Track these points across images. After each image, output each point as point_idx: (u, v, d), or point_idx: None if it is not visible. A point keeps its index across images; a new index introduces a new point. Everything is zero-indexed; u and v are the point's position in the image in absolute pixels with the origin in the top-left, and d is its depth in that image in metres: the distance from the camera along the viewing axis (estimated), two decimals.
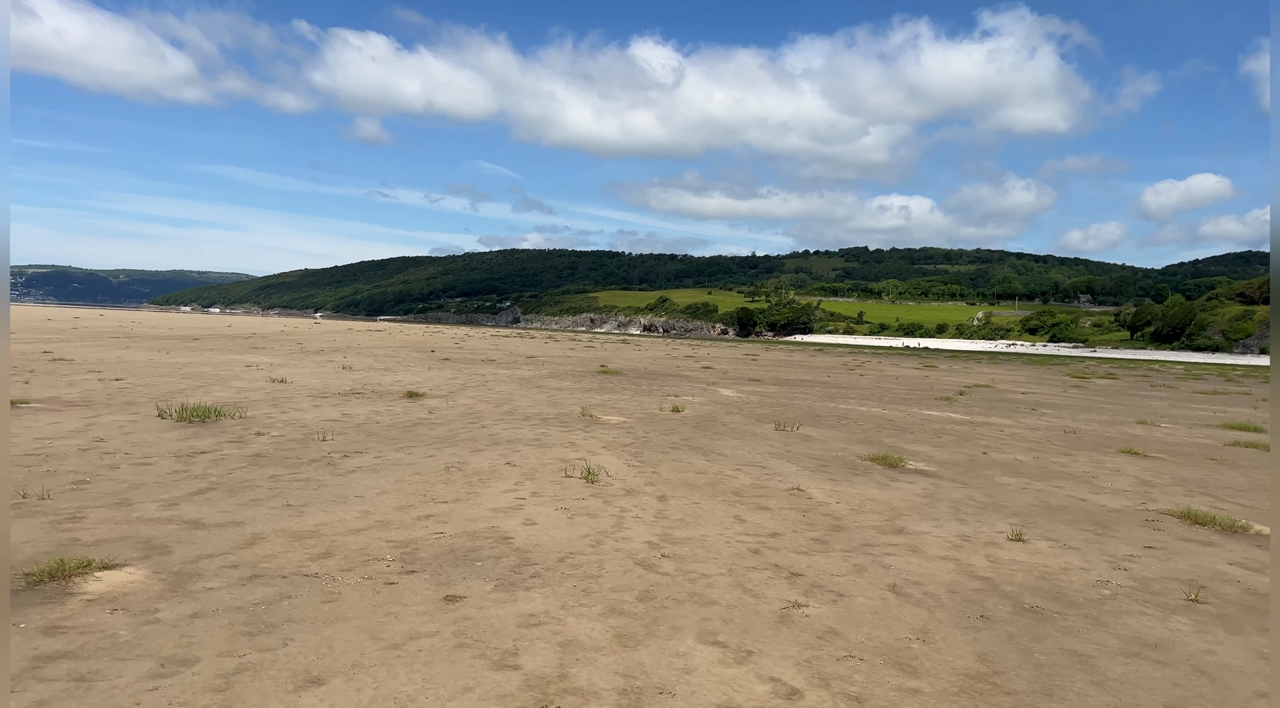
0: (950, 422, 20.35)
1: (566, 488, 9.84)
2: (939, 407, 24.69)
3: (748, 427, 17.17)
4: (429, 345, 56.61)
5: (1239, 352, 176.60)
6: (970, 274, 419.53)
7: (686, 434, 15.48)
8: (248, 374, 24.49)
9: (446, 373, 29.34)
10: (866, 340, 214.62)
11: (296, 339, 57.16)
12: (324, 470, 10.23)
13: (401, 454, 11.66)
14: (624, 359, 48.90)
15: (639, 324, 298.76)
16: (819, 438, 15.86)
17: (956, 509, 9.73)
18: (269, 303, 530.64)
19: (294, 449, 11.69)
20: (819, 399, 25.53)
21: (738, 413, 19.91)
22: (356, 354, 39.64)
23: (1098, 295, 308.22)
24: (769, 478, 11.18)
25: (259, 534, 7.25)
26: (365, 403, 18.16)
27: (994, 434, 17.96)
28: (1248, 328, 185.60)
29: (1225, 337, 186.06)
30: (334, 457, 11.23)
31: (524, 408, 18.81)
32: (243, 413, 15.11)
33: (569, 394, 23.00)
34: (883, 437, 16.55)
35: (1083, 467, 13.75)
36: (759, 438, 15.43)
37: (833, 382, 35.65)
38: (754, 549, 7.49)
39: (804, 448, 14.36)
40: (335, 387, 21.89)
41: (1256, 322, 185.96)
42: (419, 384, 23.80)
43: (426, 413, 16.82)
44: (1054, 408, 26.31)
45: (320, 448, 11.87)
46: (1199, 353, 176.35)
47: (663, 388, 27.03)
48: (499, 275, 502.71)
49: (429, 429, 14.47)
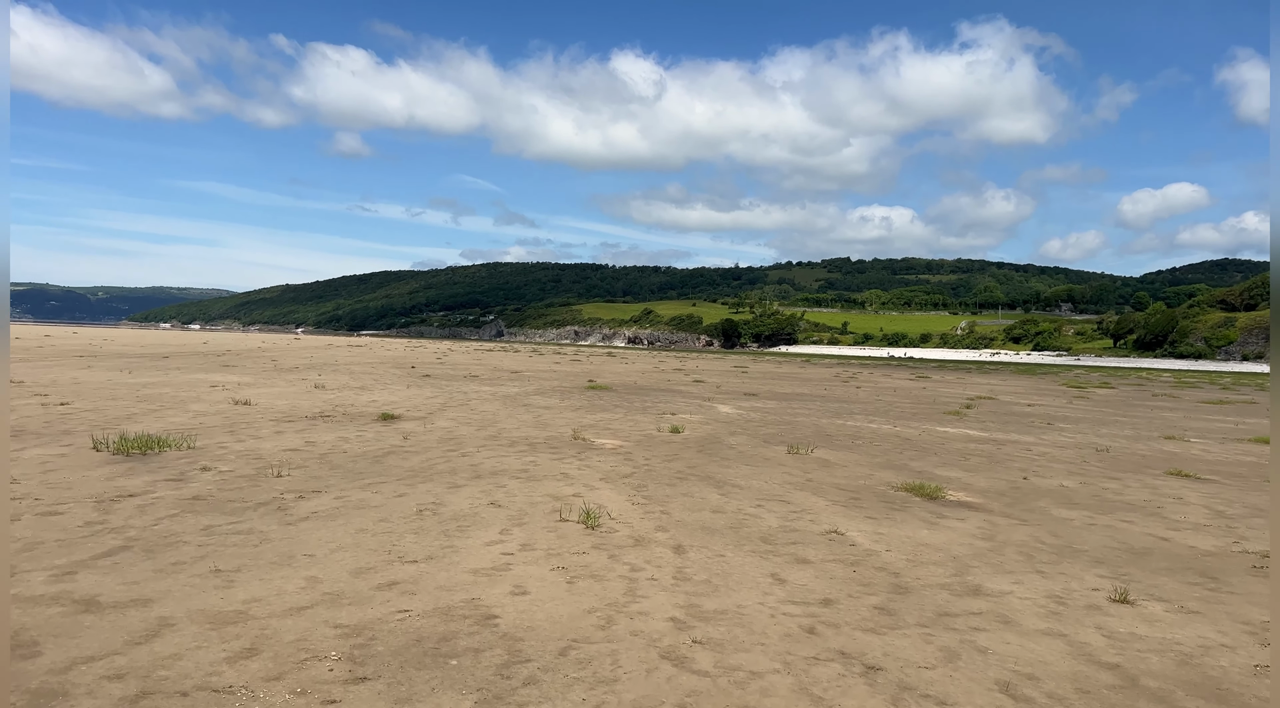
0: (971, 440, 18.82)
1: (563, 537, 8.20)
2: (951, 422, 23.19)
3: (757, 450, 15.57)
4: (410, 361, 54.77)
5: (1221, 358, 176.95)
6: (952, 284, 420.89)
7: (691, 460, 13.87)
8: (210, 396, 22.71)
9: (426, 391, 27.62)
10: (851, 351, 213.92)
11: (272, 356, 55.20)
12: (271, 518, 8.55)
13: (367, 494, 9.99)
14: (612, 373, 47.26)
15: (624, 337, 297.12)
16: (838, 463, 14.27)
17: (1028, 556, 8.16)
18: (250, 319, 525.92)
19: (241, 489, 9.99)
20: (824, 415, 23.97)
21: (742, 433, 18.32)
22: (332, 372, 37.82)
23: (1079, 304, 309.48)
24: (798, 517, 9.57)
25: (168, 619, 5.58)
26: (334, 428, 16.45)
27: (1023, 454, 16.44)
28: (1229, 335, 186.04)
29: (1208, 344, 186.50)
30: (286, 499, 9.54)
31: (509, 431, 17.15)
32: (191, 443, 13.38)
33: (558, 414, 21.35)
34: (906, 460, 14.99)
35: (1139, 494, 12.22)
36: (772, 464, 13.83)
37: (831, 395, 34.14)
38: (808, 627, 5.87)
39: (825, 476, 12.77)
40: (303, 409, 20.16)
41: (1238, 329, 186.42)
42: (395, 405, 22.08)
43: (401, 439, 15.13)
44: (1069, 422, 24.87)
45: (272, 487, 10.17)
46: (1182, 360, 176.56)
47: (656, 405, 25.42)
48: (482, 289, 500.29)
49: (402, 460, 12.78)
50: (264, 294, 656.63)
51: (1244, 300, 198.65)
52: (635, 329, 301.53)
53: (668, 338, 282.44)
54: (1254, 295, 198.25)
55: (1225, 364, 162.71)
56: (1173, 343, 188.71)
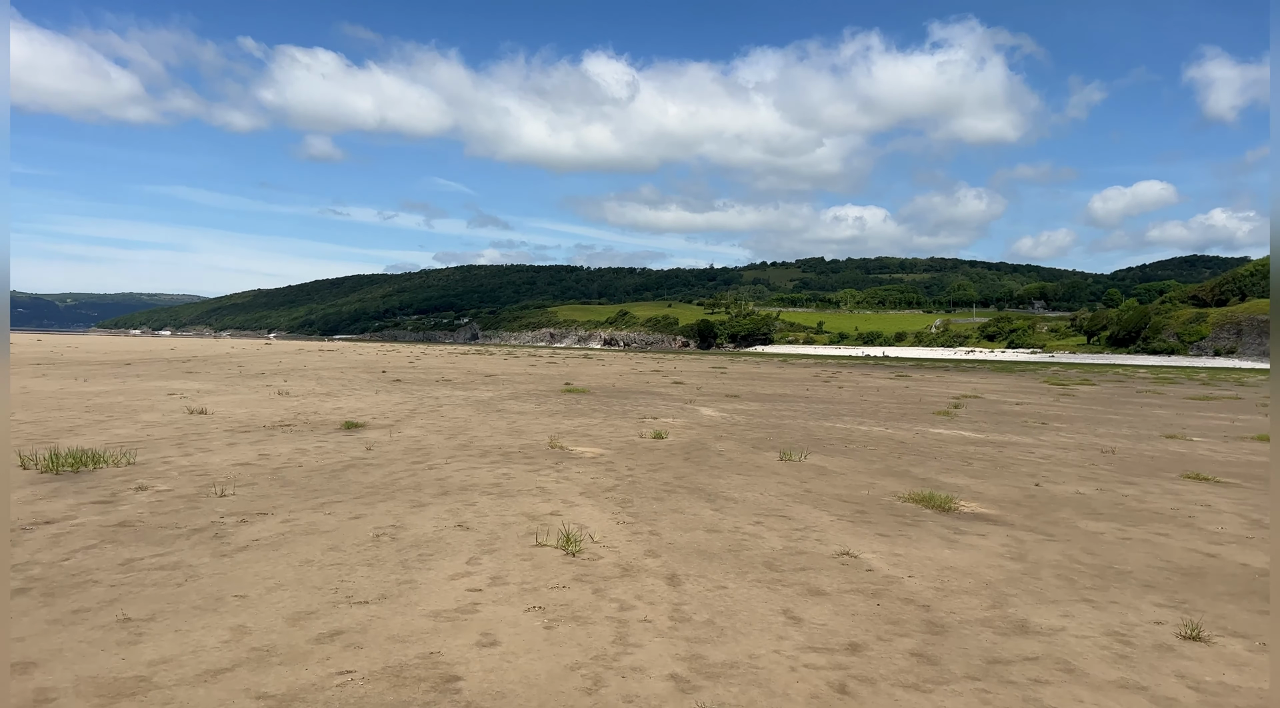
0: (968, 442, 17.94)
1: (539, 566, 7.16)
2: (942, 423, 22.33)
3: (747, 456, 14.58)
4: (380, 365, 53.39)
5: (1194, 354, 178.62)
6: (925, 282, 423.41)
7: (678, 470, 12.84)
8: (165, 404, 21.43)
9: (395, 397, 26.43)
10: (827, 350, 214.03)
11: (239, 361, 53.64)
12: (204, 549, 7.44)
13: (319, 516, 8.88)
14: (589, 376, 46.18)
15: (599, 338, 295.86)
16: (835, 470, 13.31)
17: (1069, 580, 7.21)
18: (221, 324, 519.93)
19: (176, 512, 8.86)
20: (810, 417, 23.04)
21: (729, 438, 17.32)
22: (300, 377, 36.48)
23: (1051, 301, 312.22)
24: (803, 536, 8.57)
25: (49, 691, 4.48)
26: (292, 438, 15.28)
27: (1027, 457, 15.56)
28: (1201, 330, 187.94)
29: (1180, 339, 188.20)
30: (226, 523, 8.42)
31: (482, 439, 16.06)
32: (131, 458, 12.19)
33: (533, 420, 20.26)
34: (907, 466, 14.05)
35: (1163, 501, 11.34)
36: (765, 472, 12.84)
37: (814, 396, 33.25)
38: (837, 684, 4.86)
39: (824, 485, 11.79)
40: (263, 417, 18.95)
41: (1210, 324, 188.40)
42: (361, 412, 20.91)
43: (364, 450, 14.00)
44: (1063, 421, 24.10)
45: (213, 509, 9.05)
46: (1155, 356, 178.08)
47: (636, 408, 24.38)
48: (456, 292, 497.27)
49: (362, 474, 11.66)
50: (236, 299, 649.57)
51: (1215, 296, 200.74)
52: (611, 331, 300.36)
53: (644, 339, 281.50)
54: (1225, 291, 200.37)
55: (1198, 360, 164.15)
56: (1145, 339, 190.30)
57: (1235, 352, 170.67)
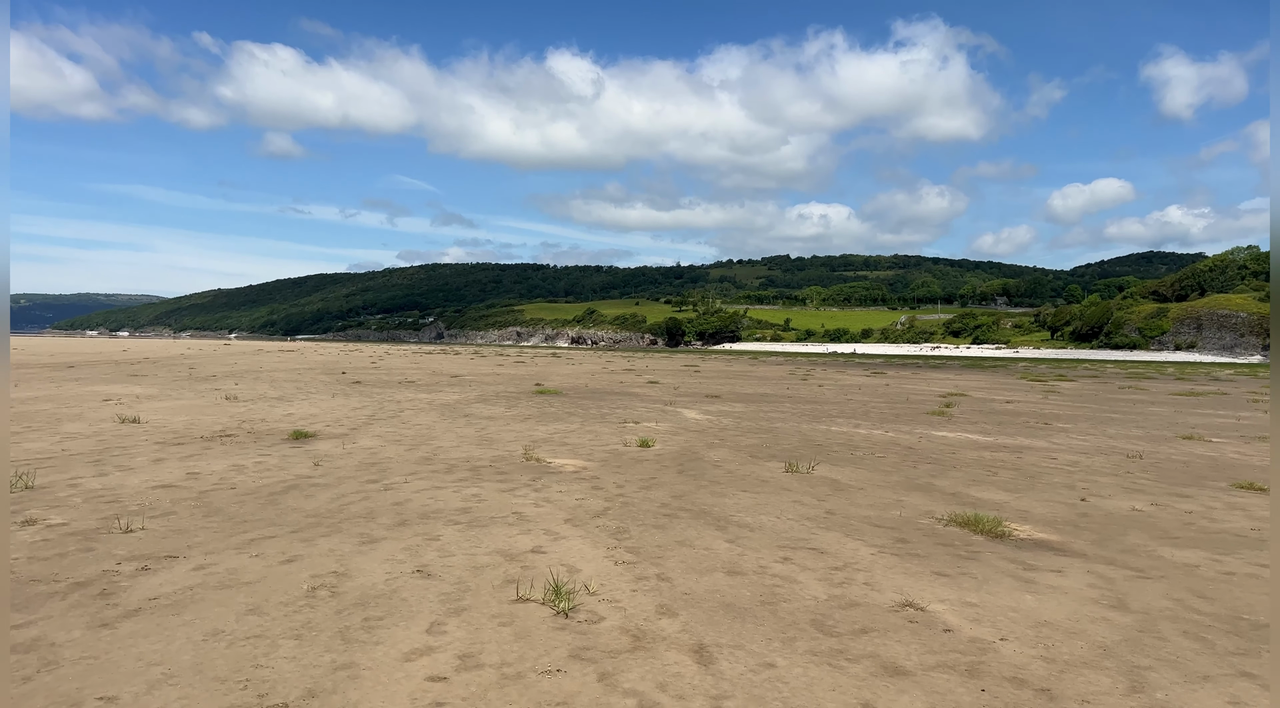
0: (979, 446, 16.48)
1: (523, 636, 5.47)
2: (941, 424, 20.91)
3: (747, 467, 12.97)
4: (341, 366, 51.20)
5: (1155, 348, 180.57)
6: (889, 279, 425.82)
7: (675, 486, 11.20)
8: (96, 412, 19.41)
9: (353, 401, 24.52)
10: (795, 347, 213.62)
11: (191, 363, 51.21)
12: (81, 614, 5.68)
13: (243, 558, 7.13)
14: (560, 376, 44.41)
15: (567, 337, 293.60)
16: (851, 483, 11.73)
17: (1201, 639, 5.66)
18: (181, 325, 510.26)
19: (64, 556, 7.06)
20: (802, 419, 21.50)
21: (722, 446, 15.70)
22: (253, 380, 34.36)
23: (1014, 297, 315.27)
24: (846, 579, 6.95)
25: None
26: (231, 452, 13.43)
27: (1050, 465, 14.12)
28: (1162, 325, 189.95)
29: (1141, 334, 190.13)
30: (122, 573, 6.64)
31: (447, 450, 14.30)
32: (30, 481, 10.31)
33: (504, 426, 18.52)
34: (926, 476, 12.52)
35: (1233, 519, 9.89)
36: (773, 488, 11.23)
37: (797, 395, 31.78)
38: None
39: (845, 504, 10.20)
40: (203, 426, 17.04)
41: (1170, 319, 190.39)
42: (314, 419, 19.04)
43: (311, 466, 12.20)
44: (1065, 421, 22.79)
45: (111, 551, 7.26)
46: (1117, 350, 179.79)
47: (615, 411, 22.70)
48: (421, 291, 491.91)
49: (306, 497, 9.88)
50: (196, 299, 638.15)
51: (1175, 292, 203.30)
52: (579, 329, 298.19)
53: (612, 338, 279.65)
54: (1184, 287, 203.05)
55: (1159, 354, 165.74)
56: (1108, 334, 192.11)
57: (1195, 346, 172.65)
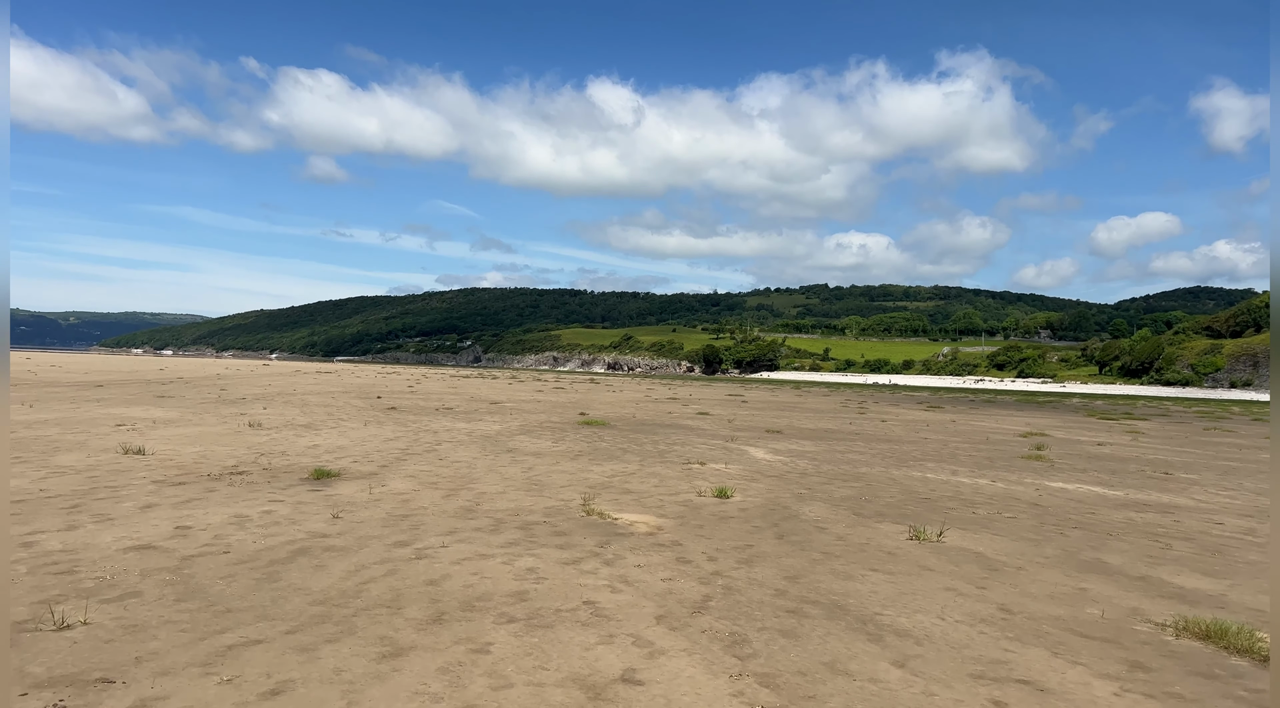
0: (1113, 503, 13.91)
1: None
2: (1048, 472, 18.33)
3: (857, 531, 10.58)
4: (377, 390, 49.37)
5: (1209, 386, 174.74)
6: (929, 310, 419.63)
7: (780, 558, 8.85)
8: (102, 440, 17.50)
9: (387, 430, 22.44)
10: (835, 377, 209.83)
11: (224, 384, 49.75)
12: None
13: (208, 688, 4.90)
14: (604, 404, 42.17)
15: (603, 362, 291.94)
16: (1002, 559, 9.29)
17: None
18: (224, 344, 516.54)
19: None
20: (885, 462, 19.03)
21: (813, 498, 13.31)
22: (283, 404, 32.52)
23: (1057, 331, 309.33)
24: None
25: None
26: (237, 496, 11.31)
27: (1222, 532, 11.55)
28: (1217, 362, 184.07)
29: (1194, 370, 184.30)
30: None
31: (492, 497, 12.08)
32: None
33: (554, 464, 16.28)
34: (1089, 549, 10.04)
35: None
36: (909, 565, 8.83)
37: (864, 432, 29.24)
38: None
39: (1015, 594, 7.78)
40: (214, 460, 15.00)
41: (1225, 355, 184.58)
42: (341, 452, 16.95)
43: (328, 519, 10.02)
44: (1184, 470, 20.08)
45: (21, 669, 5.08)
46: (1169, 387, 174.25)
47: (672, 448, 20.38)
48: (459, 314, 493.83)
49: (314, 570, 7.68)
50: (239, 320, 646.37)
51: (1230, 328, 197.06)
52: (615, 355, 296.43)
53: (649, 364, 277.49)
54: (1240, 323, 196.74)
55: (1214, 392, 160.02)
56: (1158, 370, 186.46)
57: (1252, 384, 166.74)
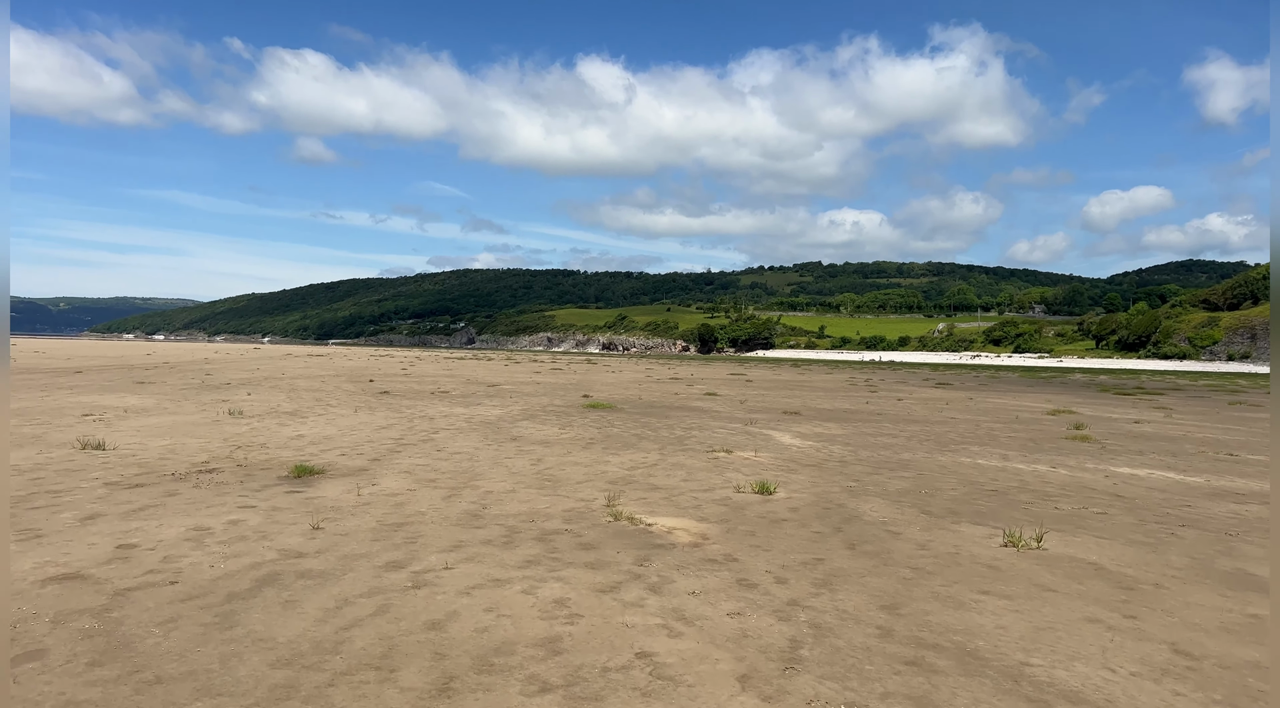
0: (1198, 492, 12.31)
1: None
2: (1103, 456, 16.72)
3: (936, 536, 8.93)
4: (369, 373, 47.57)
5: (1206, 358, 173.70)
6: (923, 287, 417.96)
7: (861, 577, 7.20)
8: (62, 433, 15.77)
9: (379, 416, 20.73)
10: (832, 354, 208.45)
11: (210, 369, 47.91)
12: None
13: None
14: (606, 385, 40.46)
15: (598, 343, 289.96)
16: (1131, 574, 7.65)
17: None
18: (215, 329, 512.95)
19: None
20: (925, 447, 17.40)
21: (865, 492, 11.66)
22: (269, 389, 30.75)
23: (1051, 306, 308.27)
24: None
25: None
26: (201, 501, 9.61)
27: None
28: (1214, 334, 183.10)
29: (1191, 344, 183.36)
30: None
31: (500, 498, 10.40)
32: None
33: (565, 454, 14.60)
34: (1219, 555, 8.40)
35: None
36: (1023, 584, 7.19)
37: (885, 412, 27.61)
38: None
39: (1176, 627, 6.15)
40: (183, 454, 13.29)
41: (1222, 328, 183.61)
42: (328, 443, 15.24)
43: (306, 530, 8.33)
44: (1242, 449, 18.51)
45: None
46: (1167, 360, 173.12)
47: (690, 433, 18.72)
48: (452, 296, 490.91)
49: (282, 610, 5.99)
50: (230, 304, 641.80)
51: (1227, 300, 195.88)
52: (610, 335, 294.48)
53: (644, 344, 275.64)
54: (1237, 295, 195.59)
55: (1211, 365, 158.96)
56: (1156, 343, 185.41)
57: (1250, 356, 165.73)
